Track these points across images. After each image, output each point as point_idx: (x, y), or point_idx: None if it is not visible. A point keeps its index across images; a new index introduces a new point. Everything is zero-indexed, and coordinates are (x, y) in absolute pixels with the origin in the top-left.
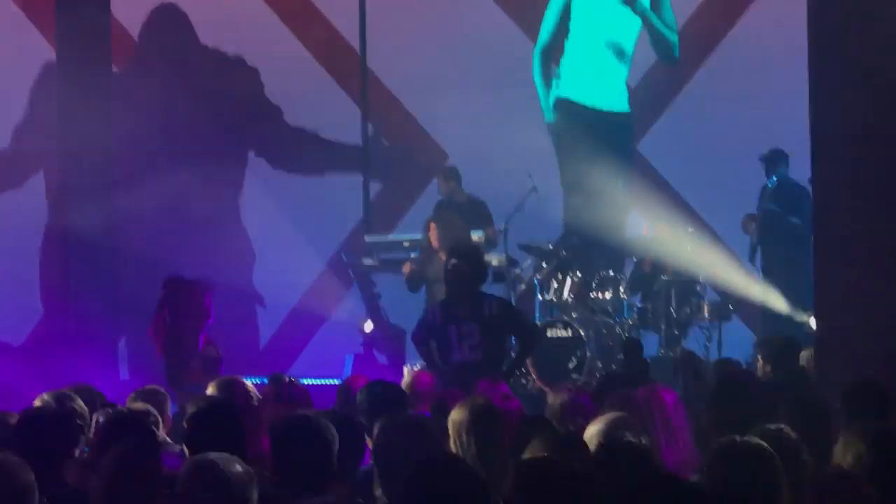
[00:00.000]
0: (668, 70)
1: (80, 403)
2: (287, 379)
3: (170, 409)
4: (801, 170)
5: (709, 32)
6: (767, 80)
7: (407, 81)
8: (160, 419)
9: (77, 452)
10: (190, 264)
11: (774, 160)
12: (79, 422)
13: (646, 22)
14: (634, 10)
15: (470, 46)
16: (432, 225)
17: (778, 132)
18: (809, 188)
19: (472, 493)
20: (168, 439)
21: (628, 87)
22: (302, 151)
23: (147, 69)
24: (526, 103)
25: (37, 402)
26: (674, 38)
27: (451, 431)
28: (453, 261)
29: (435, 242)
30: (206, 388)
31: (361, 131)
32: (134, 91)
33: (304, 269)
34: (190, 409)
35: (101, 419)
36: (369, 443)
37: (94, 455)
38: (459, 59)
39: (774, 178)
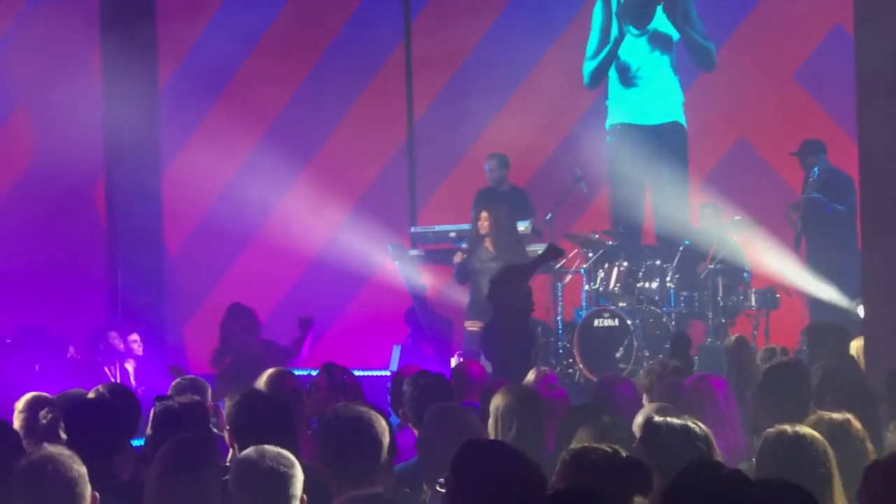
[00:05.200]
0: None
1: (133, 396)
2: (339, 369)
3: (210, 398)
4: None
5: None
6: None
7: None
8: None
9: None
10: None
11: (810, 151)
12: (133, 414)
13: (684, 35)
14: (674, 24)
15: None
16: (484, 213)
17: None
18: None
19: (524, 476)
20: (215, 428)
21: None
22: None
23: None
24: (571, 93)
25: (91, 395)
26: (710, 45)
27: (491, 416)
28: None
29: (484, 230)
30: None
31: (407, 122)
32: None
33: (351, 259)
34: (238, 401)
35: (155, 411)
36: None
37: (148, 448)
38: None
39: (816, 168)
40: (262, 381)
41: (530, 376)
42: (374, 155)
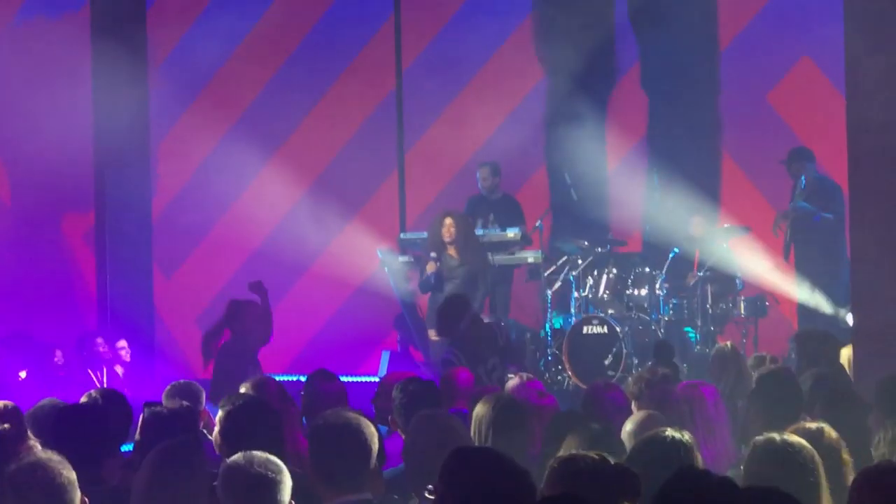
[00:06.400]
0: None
1: (124, 401)
2: (325, 376)
3: (204, 402)
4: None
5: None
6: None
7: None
8: (196, 414)
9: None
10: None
11: (799, 159)
12: (124, 420)
13: None
14: None
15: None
16: (448, 220)
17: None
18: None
19: (512, 483)
20: (206, 433)
21: None
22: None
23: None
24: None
25: (83, 399)
26: None
27: (472, 425)
28: (468, 318)
29: (449, 237)
30: None
31: (397, 128)
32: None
33: (340, 264)
34: (225, 407)
35: (144, 416)
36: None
37: (136, 453)
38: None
39: (803, 177)
40: (247, 387)
41: (514, 382)
42: (365, 158)
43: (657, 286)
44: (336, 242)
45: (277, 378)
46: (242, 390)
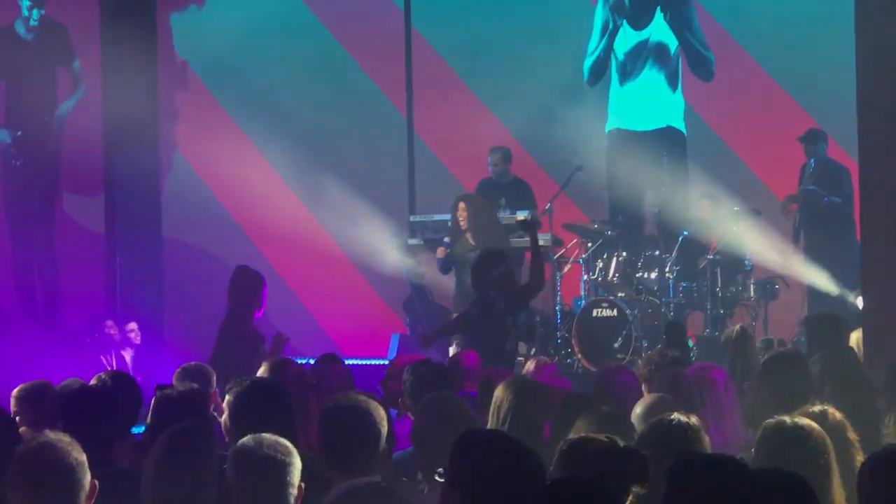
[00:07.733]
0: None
1: (134, 383)
2: (329, 359)
3: (215, 385)
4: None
5: None
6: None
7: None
8: (206, 397)
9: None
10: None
11: (812, 140)
12: (134, 402)
13: (684, 42)
14: (675, 31)
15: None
16: (461, 204)
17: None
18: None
19: (522, 465)
20: (217, 416)
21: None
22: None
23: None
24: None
25: (93, 381)
26: (709, 54)
27: (492, 407)
28: (503, 267)
29: (463, 223)
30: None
31: (406, 109)
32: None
33: (350, 247)
34: (234, 390)
35: (155, 399)
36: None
37: (148, 436)
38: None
39: (812, 160)
40: (264, 370)
41: (530, 366)
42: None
43: (667, 269)
44: (346, 225)
45: None
46: (261, 372)
